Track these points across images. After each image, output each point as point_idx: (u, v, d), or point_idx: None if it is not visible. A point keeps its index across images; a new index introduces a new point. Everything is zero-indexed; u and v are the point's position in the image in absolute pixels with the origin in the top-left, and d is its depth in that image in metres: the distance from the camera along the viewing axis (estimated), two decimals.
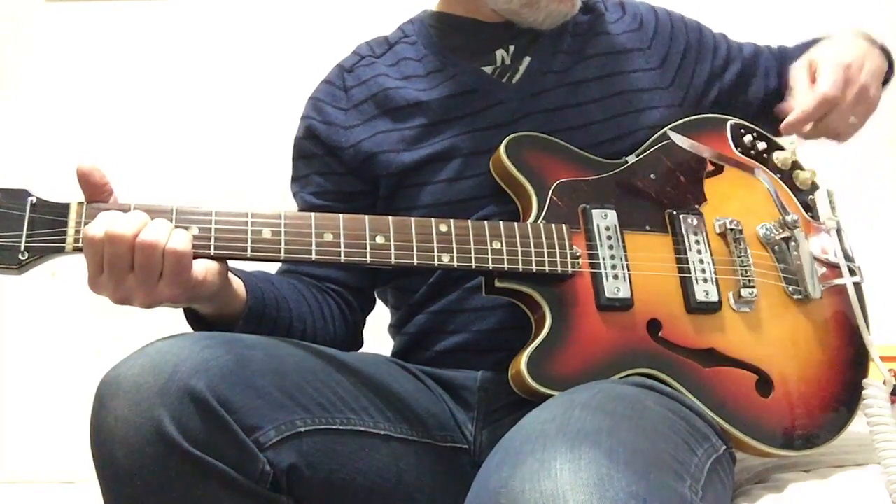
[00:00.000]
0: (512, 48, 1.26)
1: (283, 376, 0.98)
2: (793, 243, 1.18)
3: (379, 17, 1.46)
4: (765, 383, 1.11)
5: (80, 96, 2.17)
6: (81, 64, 2.19)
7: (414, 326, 1.23)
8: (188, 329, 1.05)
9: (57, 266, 1.95)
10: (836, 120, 1.18)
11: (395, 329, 1.28)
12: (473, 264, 1.04)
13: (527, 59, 1.25)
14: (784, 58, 1.36)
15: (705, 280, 1.12)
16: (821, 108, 1.17)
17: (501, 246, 1.05)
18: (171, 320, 1.07)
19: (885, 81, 1.29)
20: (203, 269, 0.96)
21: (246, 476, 0.91)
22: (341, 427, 1.01)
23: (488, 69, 1.25)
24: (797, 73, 1.22)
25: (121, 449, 0.88)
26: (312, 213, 1.01)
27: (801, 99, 1.18)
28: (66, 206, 0.95)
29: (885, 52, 1.28)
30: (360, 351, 1.27)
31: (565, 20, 1.24)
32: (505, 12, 1.24)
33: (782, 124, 1.19)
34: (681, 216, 1.15)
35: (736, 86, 1.33)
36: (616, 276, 1.08)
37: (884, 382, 1.11)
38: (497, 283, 1.06)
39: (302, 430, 0.97)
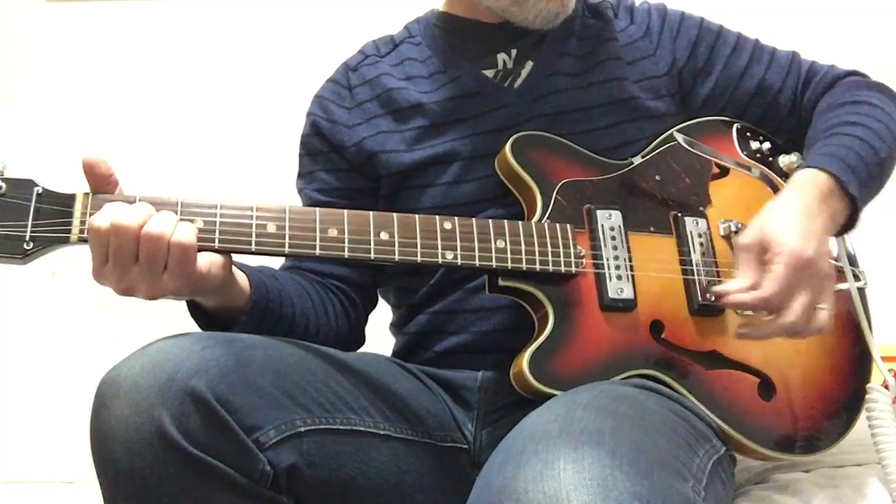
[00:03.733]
0: (514, 52, 1.25)
1: (283, 376, 0.98)
2: None
3: (387, 15, 1.45)
4: (767, 387, 1.11)
5: (81, 96, 2.17)
6: (82, 63, 2.19)
7: (414, 326, 1.23)
8: (189, 329, 1.05)
9: (57, 266, 1.98)
10: (789, 318, 1.02)
11: (395, 328, 1.28)
12: (477, 262, 1.04)
13: (529, 63, 1.25)
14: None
15: (709, 282, 1.11)
16: (759, 304, 1.03)
17: (505, 244, 1.05)
18: (172, 320, 1.07)
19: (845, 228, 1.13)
20: (207, 262, 0.96)
21: (246, 476, 0.91)
22: (341, 427, 1.01)
23: (489, 72, 1.25)
24: (743, 249, 1.05)
25: (121, 449, 0.87)
26: (317, 209, 1.01)
27: (738, 283, 1.03)
28: (71, 197, 0.94)
29: (850, 196, 1.09)
30: (361, 350, 1.27)
31: (557, 20, 1.22)
32: (496, 9, 1.23)
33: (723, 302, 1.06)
34: (685, 218, 1.15)
35: (748, 103, 1.28)
36: (620, 277, 1.08)
37: (884, 385, 1.11)
38: (500, 282, 1.06)
39: (302, 429, 0.96)
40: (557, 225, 1.09)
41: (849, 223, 1.11)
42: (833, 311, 1.05)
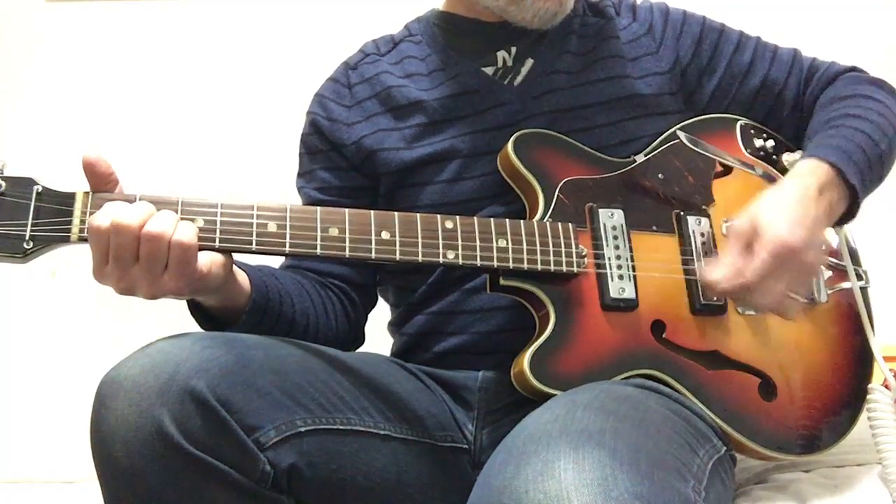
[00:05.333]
0: (514, 49, 1.25)
1: (283, 376, 0.98)
2: None
3: (387, 15, 1.45)
4: (768, 387, 1.11)
5: (81, 95, 2.17)
6: (82, 63, 2.19)
7: (413, 326, 1.22)
8: (189, 329, 1.05)
9: (57, 265, 1.98)
10: (759, 300, 1.04)
11: (394, 328, 1.28)
12: (478, 262, 1.04)
13: (529, 61, 1.24)
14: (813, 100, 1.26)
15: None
16: (736, 289, 1.03)
17: (507, 244, 1.05)
18: (172, 320, 1.07)
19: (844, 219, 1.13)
20: (208, 261, 0.96)
21: (246, 476, 0.91)
22: (341, 427, 1.01)
23: (489, 70, 1.24)
24: (733, 234, 1.05)
25: (121, 449, 0.87)
26: (318, 208, 1.01)
27: (721, 270, 1.04)
28: (71, 196, 0.94)
29: (849, 187, 1.09)
30: (361, 350, 1.27)
31: (556, 19, 1.22)
32: (495, 9, 1.23)
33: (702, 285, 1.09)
34: (688, 217, 1.15)
35: (753, 100, 1.28)
36: (621, 277, 1.08)
37: (885, 385, 1.11)
38: (501, 281, 1.06)
39: (302, 430, 0.96)
40: (559, 224, 1.08)
41: (847, 214, 1.11)
42: (804, 301, 1.09)
